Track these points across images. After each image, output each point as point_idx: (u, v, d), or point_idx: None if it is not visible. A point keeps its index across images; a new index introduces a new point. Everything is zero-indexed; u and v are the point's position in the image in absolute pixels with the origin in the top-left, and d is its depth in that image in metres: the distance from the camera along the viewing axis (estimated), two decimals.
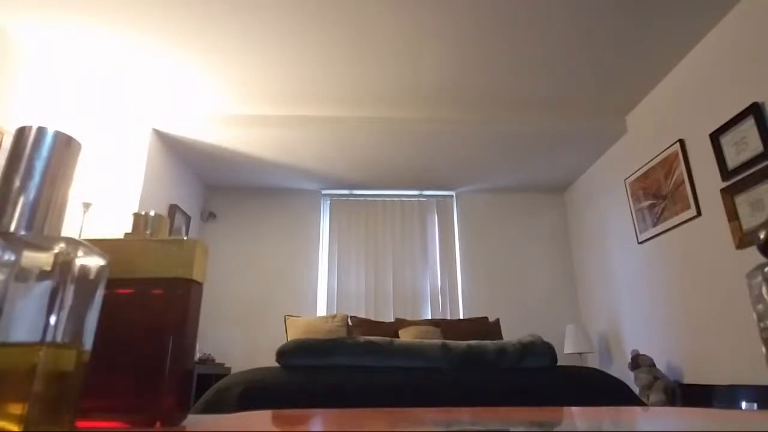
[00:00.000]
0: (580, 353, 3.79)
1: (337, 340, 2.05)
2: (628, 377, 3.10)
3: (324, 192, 4.60)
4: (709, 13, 2.54)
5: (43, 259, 0.30)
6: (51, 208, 0.33)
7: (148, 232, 0.47)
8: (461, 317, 4.16)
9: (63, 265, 0.30)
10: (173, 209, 3.75)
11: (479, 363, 1.98)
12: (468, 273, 4.38)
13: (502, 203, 4.63)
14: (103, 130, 3.16)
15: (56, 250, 0.31)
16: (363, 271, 4.32)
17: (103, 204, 3.00)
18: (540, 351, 2.04)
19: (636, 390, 2.90)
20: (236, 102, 3.36)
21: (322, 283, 4.31)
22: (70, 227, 2.72)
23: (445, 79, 3.11)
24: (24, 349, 0.28)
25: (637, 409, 0.58)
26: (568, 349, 3.73)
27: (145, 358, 0.40)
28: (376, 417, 0.45)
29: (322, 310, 4.21)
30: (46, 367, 0.29)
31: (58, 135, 0.35)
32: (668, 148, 3.01)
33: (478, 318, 3.44)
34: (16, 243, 0.31)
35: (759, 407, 2.14)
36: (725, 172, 2.52)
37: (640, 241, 3.33)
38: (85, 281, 0.32)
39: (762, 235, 0.50)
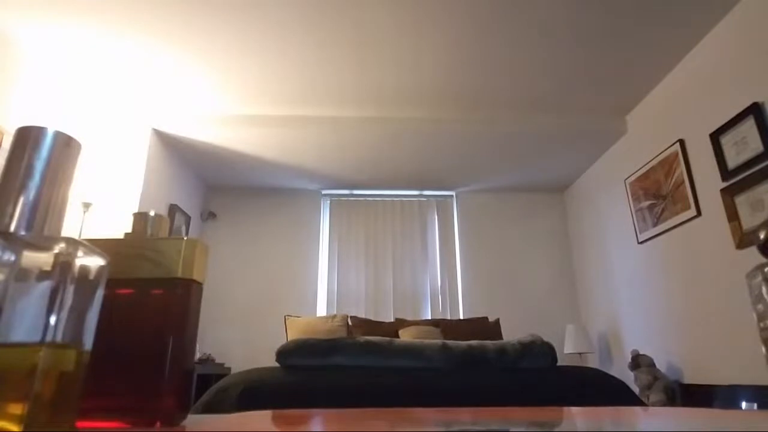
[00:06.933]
0: (580, 353, 3.79)
1: (337, 340, 2.05)
2: (628, 377, 3.09)
3: (324, 192, 4.60)
4: (709, 13, 2.54)
5: (43, 259, 0.30)
6: (51, 208, 0.33)
7: (148, 232, 0.47)
8: (461, 317, 4.16)
9: (63, 265, 0.30)
10: (173, 209, 3.74)
11: (479, 363, 1.98)
12: (468, 273, 4.38)
13: (502, 203, 4.63)
14: (103, 130, 3.16)
15: (56, 250, 0.31)
16: (363, 271, 4.32)
17: (103, 204, 3.00)
18: (540, 351, 2.04)
19: (636, 390, 2.89)
20: (236, 102, 3.36)
21: (322, 283, 4.31)
22: (70, 227, 2.72)
23: (445, 79, 3.11)
24: (24, 349, 0.28)
25: (637, 409, 0.58)
26: (568, 349, 3.73)
27: (145, 358, 0.40)
28: (376, 417, 0.45)
29: (322, 310, 4.20)
30: (46, 367, 0.29)
31: (58, 135, 0.35)
32: (668, 148, 3.01)
33: (478, 318, 3.44)
34: (16, 243, 0.31)
35: (759, 407, 2.14)
36: (725, 172, 2.52)
37: (640, 241, 3.33)
38: (85, 281, 0.32)
39: (762, 235, 0.50)
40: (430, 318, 4.07)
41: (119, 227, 3.04)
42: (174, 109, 3.42)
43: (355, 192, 4.60)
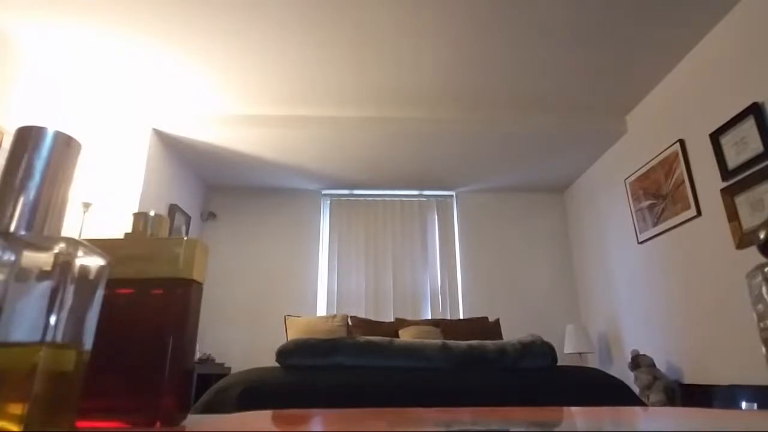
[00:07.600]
0: (580, 353, 3.79)
1: (337, 340, 2.05)
2: (628, 377, 3.09)
3: (324, 192, 4.60)
4: (708, 13, 2.54)
5: (43, 259, 0.30)
6: (51, 208, 0.33)
7: (148, 232, 0.47)
8: (461, 317, 4.16)
9: (63, 265, 0.30)
10: (173, 209, 3.74)
11: (479, 363, 1.98)
12: (468, 273, 4.38)
13: (502, 203, 4.63)
14: (103, 130, 3.16)
15: (56, 250, 0.31)
16: (363, 271, 4.32)
17: (103, 204, 3.00)
18: (540, 351, 2.04)
19: (636, 390, 2.89)
20: (236, 102, 3.36)
21: (322, 283, 4.31)
22: (70, 227, 2.72)
23: (445, 79, 3.11)
24: (24, 349, 0.28)
25: (637, 409, 0.58)
26: (568, 349, 3.73)
27: (145, 358, 0.40)
28: (376, 417, 0.45)
29: (322, 310, 4.20)
30: (46, 367, 0.29)
31: (58, 135, 0.35)
32: (668, 148, 3.01)
33: (478, 318, 3.44)
34: (16, 243, 0.31)
35: (759, 407, 2.14)
36: (725, 172, 2.52)
37: (640, 241, 3.33)
38: (85, 281, 0.32)
39: (762, 235, 0.51)
40: (430, 318, 4.06)
41: (119, 227, 3.04)
42: (174, 109, 3.42)
43: (355, 192, 4.59)
